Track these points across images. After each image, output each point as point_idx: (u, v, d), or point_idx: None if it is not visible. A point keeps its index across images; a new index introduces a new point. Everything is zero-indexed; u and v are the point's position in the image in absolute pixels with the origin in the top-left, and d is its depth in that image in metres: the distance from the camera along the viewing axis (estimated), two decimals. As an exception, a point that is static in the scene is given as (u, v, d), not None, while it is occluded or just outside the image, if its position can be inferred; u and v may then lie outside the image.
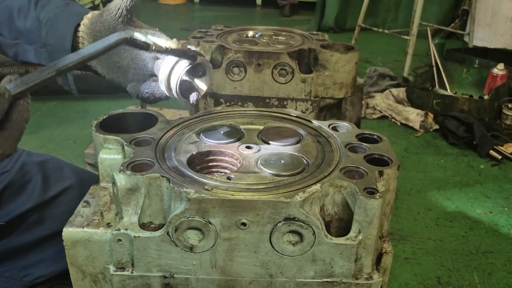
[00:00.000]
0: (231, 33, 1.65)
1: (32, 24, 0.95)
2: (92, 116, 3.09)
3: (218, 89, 1.49)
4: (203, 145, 0.85)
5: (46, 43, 0.94)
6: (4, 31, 0.99)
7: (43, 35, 0.94)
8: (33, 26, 0.95)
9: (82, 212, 0.79)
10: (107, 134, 0.83)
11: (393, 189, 0.81)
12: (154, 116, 0.91)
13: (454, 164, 2.65)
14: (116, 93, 3.18)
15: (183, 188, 0.69)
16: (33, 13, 0.96)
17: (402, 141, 2.90)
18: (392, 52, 4.70)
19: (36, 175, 1.12)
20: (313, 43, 1.56)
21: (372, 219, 0.72)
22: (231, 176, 0.76)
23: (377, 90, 3.41)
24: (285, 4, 6.31)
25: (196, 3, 6.99)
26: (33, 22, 0.95)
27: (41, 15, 0.95)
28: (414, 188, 2.40)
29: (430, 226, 2.10)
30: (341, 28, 5.51)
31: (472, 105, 2.98)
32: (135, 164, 0.76)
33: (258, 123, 0.94)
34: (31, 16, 0.96)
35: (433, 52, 3.49)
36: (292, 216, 0.69)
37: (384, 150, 0.84)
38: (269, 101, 1.50)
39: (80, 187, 1.14)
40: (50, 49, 0.94)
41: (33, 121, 3.07)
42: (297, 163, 0.80)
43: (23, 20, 0.96)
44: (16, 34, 0.97)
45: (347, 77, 1.51)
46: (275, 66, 1.45)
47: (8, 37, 0.98)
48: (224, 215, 0.69)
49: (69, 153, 2.60)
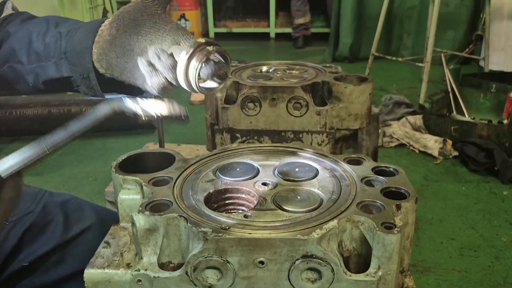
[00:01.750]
0: (245, 69, 1.69)
1: (51, 39, 0.94)
2: (111, 153, 3.16)
3: (234, 124, 1.51)
4: (220, 183, 0.86)
5: (65, 52, 0.91)
6: (22, 57, 0.97)
7: (63, 45, 0.92)
8: (53, 40, 0.93)
9: (102, 253, 0.80)
10: (126, 175, 0.85)
11: (411, 222, 0.80)
12: (171, 155, 0.93)
13: (476, 191, 2.60)
14: (135, 129, 3.25)
15: (201, 228, 0.70)
16: (53, 31, 0.95)
17: (421, 169, 2.87)
18: (407, 79, 4.71)
19: (57, 215, 1.14)
20: (326, 75, 1.59)
21: (391, 254, 0.71)
22: (248, 214, 0.76)
23: (393, 118, 3.40)
24: (298, 36, 6.42)
25: (212, 38, 7.16)
26: (52, 38, 0.94)
27: (61, 30, 0.94)
28: (435, 217, 2.35)
29: (454, 256, 2.04)
30: (355, 57, 5.57)
31: (491, 130, 2.94)
32: (153, 204, 0.77)
33: (273, 159, 0.95)
34: (50, 34, 0.95)
35: (449, 78, 3.49)
36: (309, 253, 0.69)
37: (401, 183, 0.83)
38: (284, 134, 1.52)
39: (100, 225, 1.16)
40: (70, 55, 0.91)
41: (54, 159, 3.16)
42: (313, 199, 0.80)
43: (41, 41, 0.95)
44: (35, 57, 0.96)
45: (361, 108, 1.52)
46: (290, 100, 1.47)
47: (26, 63, 0.97)
48: (241, 254, 0.69)
49: (89, 190, 2.65)
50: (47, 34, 0.95)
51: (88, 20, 1.02)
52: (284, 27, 6.98)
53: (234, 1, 7.54)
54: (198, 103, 3.94)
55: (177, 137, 3.14)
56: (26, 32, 0.98)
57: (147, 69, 0.81)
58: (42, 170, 3.01)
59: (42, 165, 3.11)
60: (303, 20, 6.32)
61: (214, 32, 7.21)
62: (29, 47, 0.96)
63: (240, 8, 7.60)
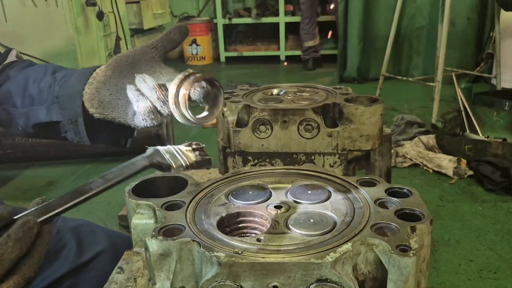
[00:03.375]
0: (256, 92, 1.70)
1: (45, 84, 0.96)
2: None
3: (246, 147, 1.51)
4: (232, 206, 0.86)
5: (57, 96, 0.93)
6: (17, 101, 1.00)
7: (56, 90, 0.94)
8: (47, 85, 0.96)
9: (116, 278, 0.80)
10: (139, 199, 0.86)
11: (427, 245, 0.79)
12: (184, 179, 0.94)
13: (493, 211, 2.55)
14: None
15: (214, 252, 0.70)
16: (49, 77, 0.98)
17: (436, 189, 2.83)
18: (418, 99, 4.69)
19: (70, 240, 1.15)
20: (337, 97, 1.59)
21: (407, 278, 0.69)
22: (260, 238, 0.76)
23: (405, 138, 3.38)
24: (308, 58, 6.48)
25: (223, 62, 7.26)
26: (47, 81, 0.96)
27: (57, 75, 0.97)
28: (452, 238, 2.31)
29: (473, 279, 2.00)
30: (364, 78, 5.58)
31: (506, 149, 2.90)
32: (166, 229, 0.77)
33: (285, 182, 0.94)
34: (45, 80, 0.97)
35: (461, 97, 3.47)
36: (324, 277, 0.68)
37: (415, 204, 0.82)
38: (296, 157, 1.52)
39: (113, 250, 1.16)
40: (61, 100, 0.93)
41: (69, 184, 3.19)
42: (326, 221, 0.79)
43: (37, 85, 0.98)
44: (29, 101, 0.98)
45: (373, 129, 1.51)
46: (301, 122, 1.47)
47: (20, 106, 1.00)
48: (255, 279, 0.69)
49: (103, 214, 2.66)
50: (43, 79, 0.98)
51: (102, 47, 1.06)
52: (294, 50, 7.05)
53: (244, 26, 7.67)
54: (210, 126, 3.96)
55: (189, 160, 3.15)
56: (24, 77, 1.01)
57: (134, 94, 0.83)
58: (57, 195, 3.03)
59: (56, 190, 3.14)
60: (312, 43, 6.39)
61: (225, 56, 7.31)
62: (25, 91, 0.99)
63: (250, 33, 7.72)
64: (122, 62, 0.88)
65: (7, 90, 1.03)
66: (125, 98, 0.85)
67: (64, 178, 3.30)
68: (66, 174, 3.35)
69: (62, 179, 3.29)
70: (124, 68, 0.88)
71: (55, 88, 0.95)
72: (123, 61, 0.88)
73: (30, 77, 1.00)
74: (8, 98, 1.02)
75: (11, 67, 1.08)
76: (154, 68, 0.87)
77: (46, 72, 1.00)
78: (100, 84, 0.89)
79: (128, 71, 0.87)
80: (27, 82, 1.00)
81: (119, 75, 0.87)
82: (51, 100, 0.95)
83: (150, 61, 0.88)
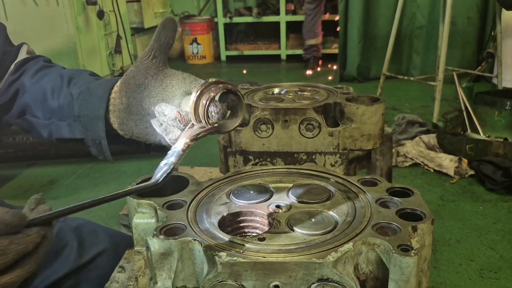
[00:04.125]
0: (257, 92, 1.70)
1: (64, 101, 0.99)
2: (125, 176, 3.19)
3: (247, 146, 1.51)
4: (234, 206, 0.86)
5: (79, 116, 0.97)
6: (38, 112, 1.03)
7: (76, 109, 0.97)
8: (66, 101, 0.99)
9: (117, 277, 0.80)
10: (141, 199, 0.86)
11: (428, 244, 0.79)
12: (185, 179, 0.94)
13: (494, 211, 2.55)
14: (148, 153, 3.27)
15: (215, 251, 0.70)
16: (65, 90, 1.00)
17: (437, 189, 2.83)
18: (419, 98, 4.69)
19: (71, 240, 1.15)
20: (338, 96, 1.59)
21: (408, 278, 0.69)
22: (262, 237, 0.76)
23: (406, 137, 3.38)
24: (309, 58, 6.47)
25: (223, 61, 7.26)
26: (65, 98, 0.99)
27: (73, 91, 0.99)
28: (453, 237, 2.31)
29: (474, 279, 1.99)
30: (365, 78, 5.58)
31: (508, 148, 2.90)
32: (168, 228, 0.77)
33: (287, 181, 0.94)
34: (63, 94, 1.00)
35: (462, 96, 3.47)
36: (325, 277, 0.68)
37: (416, 204, 0.82)
38: (297, 156, 1.52)
39: (114, 250, 1.16)
40: (84, 120, 0.96)
41: (70, 183, 3.19)
42: (327, 221, 0.79)
43: (56, 99, 1.00)
44: (50, 114, 1.01)
45: (374, 128, 1.51)
46: (302, 122, 1.47)
47: (42, 118, 1.03)
48: (256, 278, 0.69)
49: (104, 214, 2.66)
50: (61, 92, 1.00)
51: (103, 46, 1.07)
52: (294, 49, 7.05)
53: (245, 25, 7.66)
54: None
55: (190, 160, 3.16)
56: (41, 89, 1.03)
57: (161, 129, 0.87)
58: (58, 194, 3.05)
59: (57, 188, 3.14)
60: (314, 41, 6.37)
61: (226, 55, 7.30)
62: (44, 104, 1.02)
63: (251, 32, 7.72)
64: (131, 86, 0.89)
65: (25, 102, 1.05)
66: (150, 125, 0.89)
67: (65, 177, 3.31)
68: (67, 173, 3.36)
69: (63, 178, 3.29)
70: (136, 92, 0.89)
71: (74, 106, 0.98)
72: (131, 85, 0.89)
73: (47, 90, 1.02)
74: (27, 109, 1.05)
75: (23, 71, 1.08)
76: (165, 82, 0.87)
77: (62, 83, 1.01)
78: (123, 114, 0.91)
79: (142, 95, 0.88)
80: (45, 95, 1.02)
81: (135, 101, 0.89)
82: (72, 118, 0.98)
83: (157, 75, 0.88)
